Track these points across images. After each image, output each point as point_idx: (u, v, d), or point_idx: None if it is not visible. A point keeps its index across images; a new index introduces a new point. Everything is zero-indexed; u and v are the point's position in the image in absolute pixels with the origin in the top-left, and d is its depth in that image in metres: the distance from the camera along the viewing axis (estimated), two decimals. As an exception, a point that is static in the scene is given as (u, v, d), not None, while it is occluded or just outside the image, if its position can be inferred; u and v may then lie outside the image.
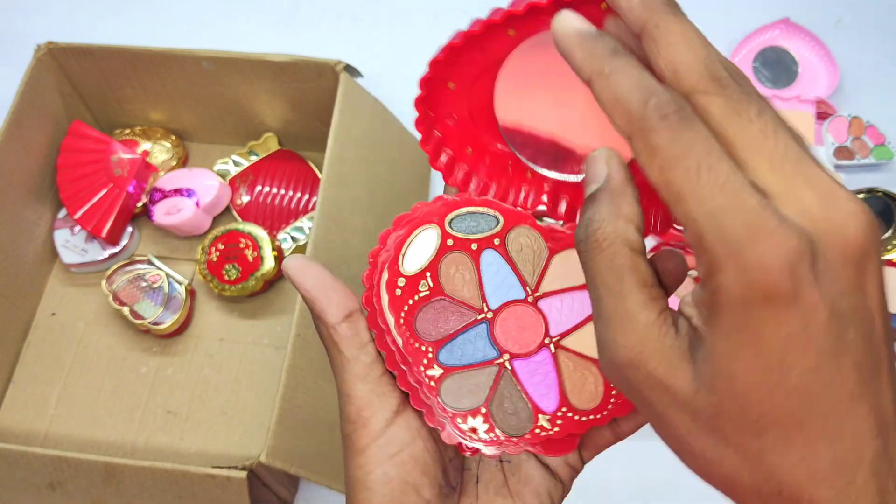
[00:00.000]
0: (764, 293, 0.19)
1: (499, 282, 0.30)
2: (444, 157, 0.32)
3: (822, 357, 0.20)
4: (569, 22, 0.23)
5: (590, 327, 0.29)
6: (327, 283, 0.30)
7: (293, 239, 0.72)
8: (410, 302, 0.30)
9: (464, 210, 0.32)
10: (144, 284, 0.69)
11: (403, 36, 0.87)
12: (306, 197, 0.74)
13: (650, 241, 0.73)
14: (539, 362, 0.29)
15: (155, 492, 0.54)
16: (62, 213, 0.72)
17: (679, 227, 0.23)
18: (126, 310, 0.67)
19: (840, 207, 0.20)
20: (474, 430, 0.28)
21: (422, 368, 0.29)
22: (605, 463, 0.64)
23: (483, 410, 0.28)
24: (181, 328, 0.69)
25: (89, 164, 0.71)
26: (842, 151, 0.75)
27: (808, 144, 0.21)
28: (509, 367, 0.29)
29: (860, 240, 0.20)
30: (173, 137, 0.77)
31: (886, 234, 0.72)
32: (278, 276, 0.69)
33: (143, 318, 0.67)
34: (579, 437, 0.30)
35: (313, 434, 0.55)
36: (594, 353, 0.28)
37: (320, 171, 0.64)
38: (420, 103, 0.30)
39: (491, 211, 0.32)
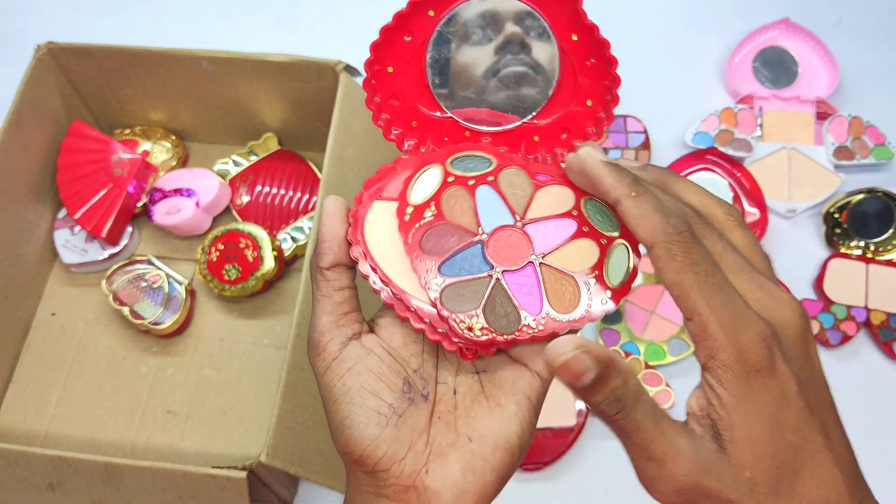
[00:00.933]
0: (754, 366, 0.27)
1: (492, 211, 0.35)
2: (394, 133, 0.39)
3: (801, 416, 0.27)
4: (595, 154, 0.32)
5: (567, 248, 0.34)
6: (338, 237, 0.35)
7: (293, 239, 0.72)
8: (417, 226, 0.35)
9: (462, 153, 0.37)
10: (144, 284, 0.69)
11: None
12: (306, 197, 0.74)
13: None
14: (526, 276, 0.34)
15: (155, 492, 0.54)
16: (62, 213, 0.73)
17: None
18: (126, 310, 0.67)
19: (784, 302, 0.29)
20: (471, 329, 0.33)
21: (426, 279, 0.33)
22: (605, 463, 0.64)
23: (478, 312, 0.33)
24: (181, 328, 0.69)
25: (89, 164, 0.71)
26: (842, 151, 0.75)
27: (763, 259, 0.31)
28: (501, 280, 0.33)
29: (800, 323, 0.28)
30: (173, 137, 0.77)
31: (886, 234, 0.72)
32: (278, 275, 0.69)
33: (143, 318, 0.67)
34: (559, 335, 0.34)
35: (313, 434, 0.55)
36: (572, 269, 0.33)
37: (320, 171, 0.64)
38: (367, 86, 0.38)
39: (486, 154, 0.37)
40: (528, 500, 0.63)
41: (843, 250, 0.72)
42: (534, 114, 0.38)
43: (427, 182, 0.36)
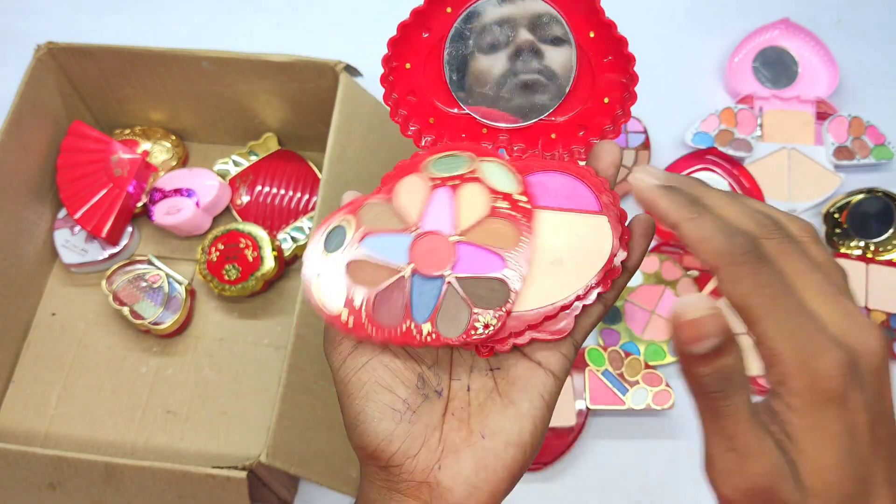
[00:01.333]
0: (826, 395, 0.25)
1: (390, 247, 0.35)
2: (412, 129, 0.39)
3: (868, 449, 0.26)
4: (647, 179, 0.30)
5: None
6: None
7: (293, 239, 0.72)
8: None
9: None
10: (144, 284, 0.69)
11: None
12: (306, 197, 0.74)
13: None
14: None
15: (155, 492, 0.54)
16: (62, 213, 0.73)
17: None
18: (126, 310, 0.67)
19: (866, 329, 0.26)
20: (487, 325, 0.33)
21: (417, 337, 0.33)
22: (605, 463, 0.64)
23: (475, 312, 0.33)
24: (181, 328, 0.69)
25: (89, 164, 0.71)
26: (842, 151, 0.75)
27: (840, 277, 0.28)
28: (453, 278, 0.34)
29: (880, 353, 0.26)
30: (173, 137, 0.77)
31: (886, 234, 0.72)
32: (278, 275, 0.69)
33: (143, 318, 0.67)
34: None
35: (313, 434, 0.55)
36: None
37: (320, 171, 0.64)
38: (384, 82, 0.37)
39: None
40: (529, 500, 0.63)
41: (843, 250, 0.72)
42: (551, 111, 0.38)
43: (328, 283, 0.36)
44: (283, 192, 0.74)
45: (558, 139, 0.39)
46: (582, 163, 0.38)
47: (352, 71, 0.67)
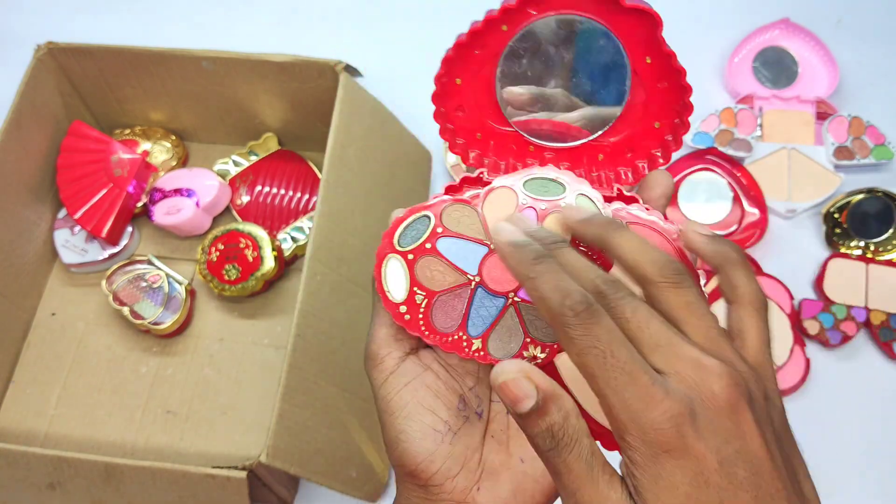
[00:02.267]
0: (662, 447, 0.25)
1: (462, 254, 0.35)
2: (459, 143, 0.39)
3: (724, 494, 0.25)
4: (502, 233, 0.30)
5: None
6: None
7: (293, 239, 0.72)
8: (420, 316, 0.35)
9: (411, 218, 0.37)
10: (144, 284, 0.69)
11: (403, 36, 0.87)
12: (306, 197, 0.74)
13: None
14: None
15: (155, 492, 0.54)
16: (62, 213, 0.72)
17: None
18: (126, 310, 0.67)
19: (707, 372, 0.26)
20: (534, 357, 0.34)
21: (465, 350, 0.35)
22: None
23: (528, 340, 0.35)
24: (181, 328, 0.69)
25: (89, 164, 0.71)
26: (842, 151, 0.75)
27: (701, 318, 0.29)
28: (518, 301, 0.35)
29: (725, 394, 0.26)
30: (173, 137, 0.77)
31: (886, 234, 0.72)
32: (278, 275, 0.69)
33: (143, 318, 0.67)
34: None
35: (313, 434, 0.55)
36: None
37: (320, 171, 0.64)
38: (435, 98, 0.37)
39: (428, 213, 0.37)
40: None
41: (843, 250, 0.72)
42: (601, 132, 0.38)
43: (395, 272, 0.36)
44: (283, 192, 0.74)
45: (606, 160, 0.38)
46: (628, 189, 0.38)
47: (352, 71, 0.67)
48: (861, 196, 0.73)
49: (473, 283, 0.35)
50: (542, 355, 0.34)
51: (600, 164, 0.38)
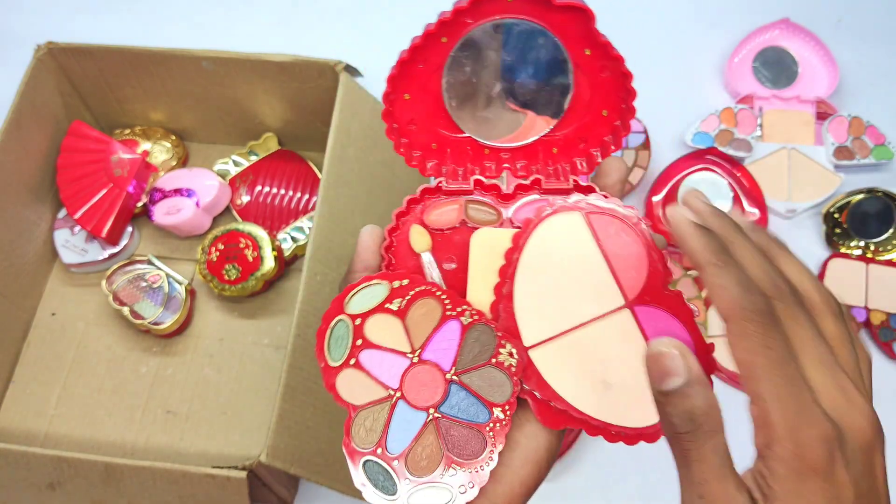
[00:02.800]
0: (811, 466, 0.25)
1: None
2: (415, 155, 0.40)
3: None
4: (684, 213, 0.31)
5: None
6: (370, 267, 0.37)
7: (293, 239, 0.72)
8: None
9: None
10: (144, 284, 0.69)
11: (403, 36, 0.87)
12: (306, 197, 0.74)
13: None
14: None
15: (155, 492, 0.54)
16: (62, 213, 0.73)
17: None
18: (126, 310, 0.67)
19: (857, 407, 0.27)
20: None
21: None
22: (605, 463, 0.64)
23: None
24: (181, 328, 0.69)
25: (89, 164, 0.71)
26: (842, 151, 0.75)
27: (849, 355, 0.29)
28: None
29: (870, 433, 0.27)
30: (173, 137, 0.77)
31: (886, 234, 0.72)
32: (278, 275, 0.69)
33: (143, 318, 0.67)
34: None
35: (313, 434, 0.55)
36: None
37: (320, 171, 0.64)
38: (386, 116, 0.38)
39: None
40: (530, 500, 0.63)
41: (843, 250, 0.72)
42: (551, 127, 0.39)
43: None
44: (283, 192, 0.74)
45: (560, 153, 0.39)
46: (587, 178, 0.39)
47: (352, 71, 0.67)
48: (861, 196, 0.73)
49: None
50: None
51: (556, 158, 0.39)
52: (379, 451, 0.34)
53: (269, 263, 0.68)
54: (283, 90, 0.70)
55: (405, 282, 0.36)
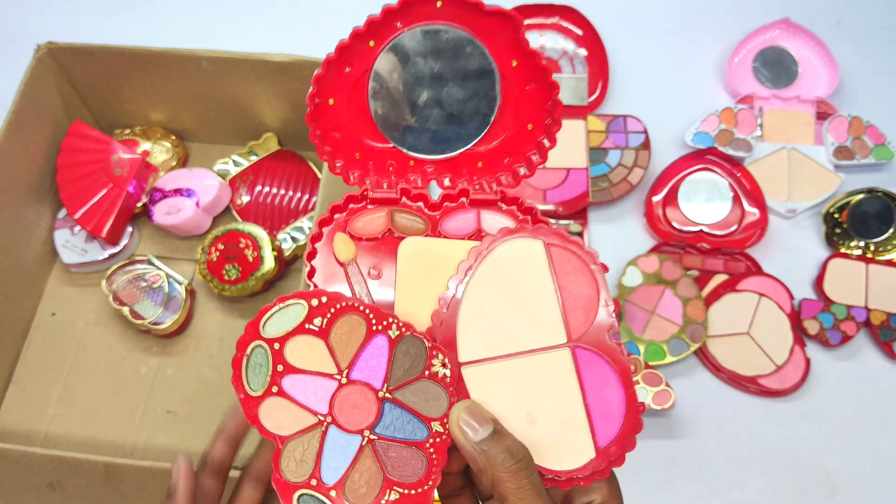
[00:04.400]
0: None
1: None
2: (338, 165, 0.38)
3: None
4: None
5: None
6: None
7: (293, 239, 0.72)
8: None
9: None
10: (144, 284, 0.69)
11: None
12: (306, 197, 0.74)
13: (650, 241, 0.73)
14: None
15: (155, 492, 0.54)
16: (62, 213, 0.73)
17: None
18: (126, 310, 0.67)
19: None
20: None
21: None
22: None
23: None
24: (181, 328, 0.69)
25: (89, 164, 0.71)
26: (842, 151, 0.75)
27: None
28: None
29: None
30: (173, 137, 0.77)
31: (886, 234, 0.72)
32: (278, 275, 0.69)
33: (143, 318, 0.67)
34: None
35: (313, 434, 0.55)
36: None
37: (320, 171, 0.64)
38: (310, 120, 0.36)
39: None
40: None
41: (843, 250, 0.72)
42: (476, 140, 0.38)
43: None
44: (283, 192, 0.74)
45: (484, 167, 0.38)
46: (511, 191, 0.39)
47: (352, 71, 0.67)
48: (861, 196, 0.73)
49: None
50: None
51: (480, 172, 0.39)
52: (313, 482, 0.32)
53: (269, 263, 0.68)
54: (283, 90, 0.70)
55: (324, 299, 0.33)
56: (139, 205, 0.72)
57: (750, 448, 0.64)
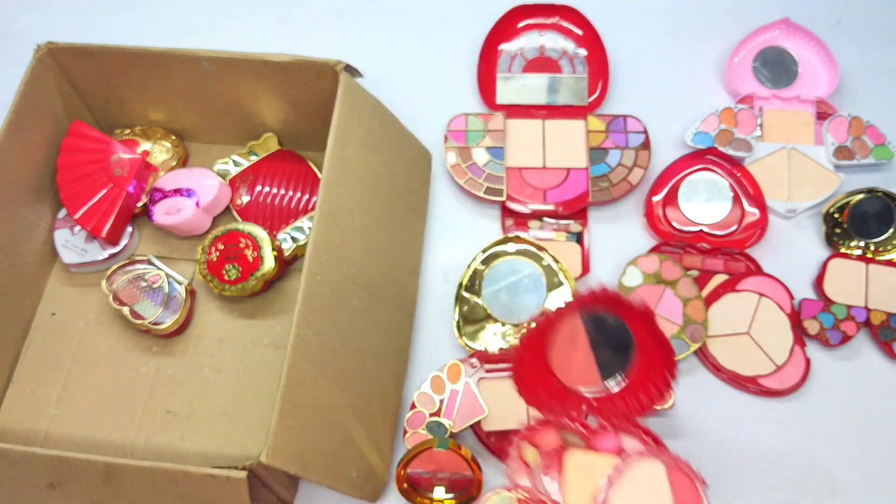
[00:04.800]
0: None
1: None
2: (525, 395, 0.58)
3: None
4: None
5: None
6: None
7: (293, 239, 0.72)
8: None
9: None
10: (144, 284, 0.69)
11: (403, 36, 0.87)
12: (306, 197, 0.74)
13: (650, 241, 0.73)
14: None
15: (155, 492, 0.54)
16: (62, 213, 0.73)
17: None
18: (126, 310, 0.67)
19: None
20: None
21: None
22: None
23: None
24: (181, 328, 0.69)
25: (89, 164, 0.71)
26: (842, 151, 0.75)
27: None
28: None
29: None
30: (173, 137, 0.77)
31: (886, 234, 0.72)
32: (278, 275, 0.69)
33: (143, 318, 0.67)
34: None
35: (313, 434, 0.55)
36: None
37: (320, 171, 0.64)
38: (516, 370, 0.57)
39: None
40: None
41: (843, 250, 0.72)
42: (622, 385, 0.57)
43: None
44: (283, 192, 0.74)
45: (624, 403, 0.57)
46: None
47: (352, 71, 0.67)
48: (861, 196, 0.73)
49: None
50: None
51: (622, 404, 0.57)
52: None
53: (269, 263, 0.68)
54: (283, 90, 0.70)
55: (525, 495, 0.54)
56: (139, 205, 0.72)
57: (750, 448, 0.64)
